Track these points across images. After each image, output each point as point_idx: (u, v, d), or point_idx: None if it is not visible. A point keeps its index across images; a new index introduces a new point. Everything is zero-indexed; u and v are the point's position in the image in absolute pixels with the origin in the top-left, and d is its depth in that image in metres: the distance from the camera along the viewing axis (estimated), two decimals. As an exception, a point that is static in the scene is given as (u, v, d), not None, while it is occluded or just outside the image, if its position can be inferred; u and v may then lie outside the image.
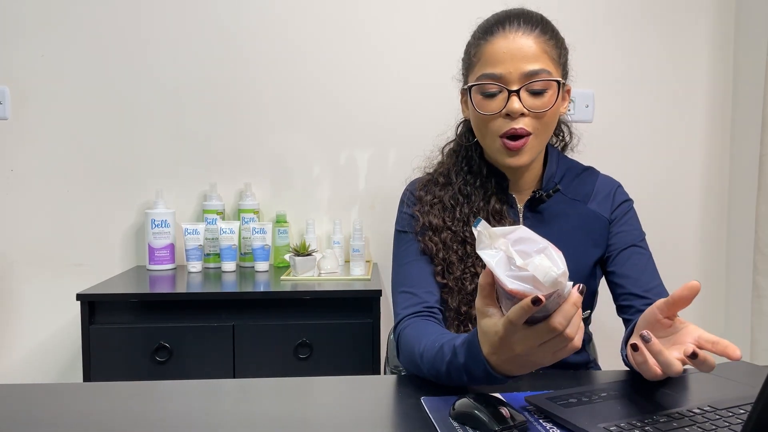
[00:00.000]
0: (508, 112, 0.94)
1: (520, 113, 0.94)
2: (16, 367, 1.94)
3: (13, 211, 1.92)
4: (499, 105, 0.95)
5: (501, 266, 0.64)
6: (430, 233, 1.02)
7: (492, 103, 0.96)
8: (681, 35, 2.06)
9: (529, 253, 0.63)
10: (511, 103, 0.93)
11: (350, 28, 1.96)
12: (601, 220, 1.05)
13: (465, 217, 1.02)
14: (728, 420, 0.67)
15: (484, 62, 0.97)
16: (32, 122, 1.91)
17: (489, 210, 1.01)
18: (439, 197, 1.05)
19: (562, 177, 1.06)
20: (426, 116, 1.98)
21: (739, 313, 2.05)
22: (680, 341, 0.77)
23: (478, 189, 1.04)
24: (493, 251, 0.64)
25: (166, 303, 1.55)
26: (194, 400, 0.79)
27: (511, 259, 0.63)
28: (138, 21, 1.92)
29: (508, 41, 0.95)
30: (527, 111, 0.94)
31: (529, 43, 0.95)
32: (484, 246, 0.65)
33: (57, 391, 0.83)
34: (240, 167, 1.97)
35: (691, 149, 2.09)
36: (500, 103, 0.95)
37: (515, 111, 0.93)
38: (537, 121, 0.95)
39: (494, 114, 0.95)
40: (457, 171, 1.06)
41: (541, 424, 0.69)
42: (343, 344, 1.55)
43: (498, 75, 0.94)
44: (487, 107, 0.96)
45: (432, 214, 1.03)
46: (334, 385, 0.86)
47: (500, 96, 0.95)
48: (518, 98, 0.93)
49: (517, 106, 0.93)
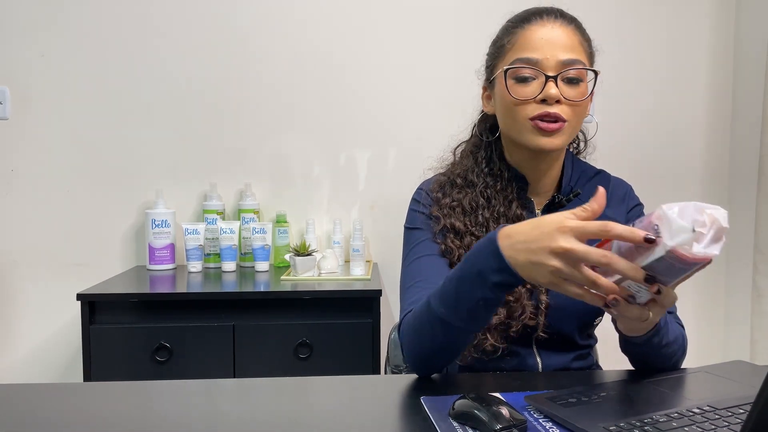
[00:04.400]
0: (545, 98, 0.92)
1: (556, 100, 0.92)
2: (16, 367, 1.94)
3: (13, 210, 1.92)
4: (534, 90, 0.93)
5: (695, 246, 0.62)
6: (451, 236, 0.99)
7: (526, 88, 0.93)
8: (681, 35, 2.05)
9: (701, 221, 0.62)
10: (548, 89, 0.92)
11: (350, 29, 1.96)
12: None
13: (486, 222, 0.99)
14: (728, 420, 0.67)
15: (519, 47, 0.95)
16: (32, 122, 1.91)
17: (510, 216, 0.99)
18: (458, 200, 1.02)
19: (577, 180, 1.05)
20: (426, 116, 1.98)
21: (739, 313, 2.05)
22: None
23: (499, 193, 1.01)
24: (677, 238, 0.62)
25: (166, 303, 1.55)
26: (194, 400, 0.79)
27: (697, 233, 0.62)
28: (138, 21, 1.92)
29: (546, 29, 0.94)
30: (563, 99, 0.92)
31: (568, 33, 0.95)
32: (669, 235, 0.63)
33: (57, 391, 0.83)
34: (240, 167, 1.97)
35: (691, 149, 2.09)
36: (535, 88, 0.93)
37: (552, 96, 0.91)
38: (571, 110, 0.94)
39: (528, 99, 0.93)
40: (477, 173, 1.03)
41: (541, 424, 0.69)
42: (343, 344, 1.55)
43: (535, 60, 0.93)
44: (521, 92, 0.93)
45: (453, 216, 1.00)
46: (334, 385, 0.86)
47: (535, 82, 0.93)
48: (555, 84, 0.92)
49: (554, 91, 0.91)
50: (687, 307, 1.99)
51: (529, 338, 0.97)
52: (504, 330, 0.94)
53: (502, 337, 0.94)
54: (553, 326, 0.96)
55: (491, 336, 0.93)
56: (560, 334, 0.97)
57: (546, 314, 0.95)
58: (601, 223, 0.67)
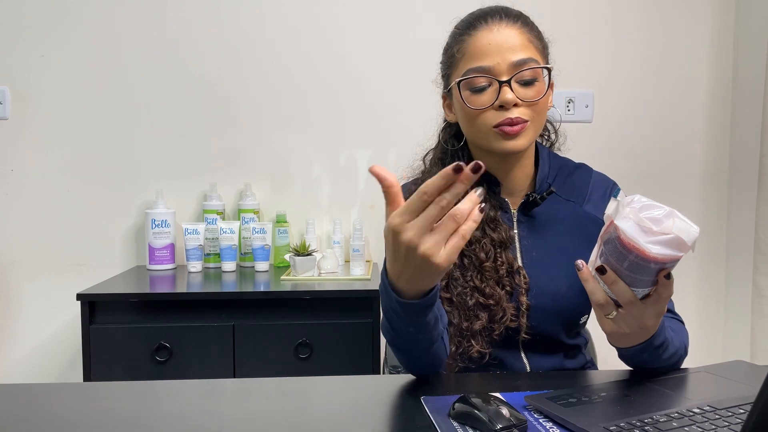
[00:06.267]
0: (502, 103, 0.91)
1: (513, 104, 0.91)
2: (16, 367, 1.94)
3: (13, 210, 1.92)
4: (490, 98, 0.92)
5: (639, 234, 0.65)
6: None
7: (482, 97, 0.93)
8: (681, 35, 2.05)
9: (659, 219, 0.65)
10: (504, 94, 0.91)
11: (351, 29, 1.96)
12: (597, 222, 1.01)
13: None
14: (728, 420, 0.67)
15: (469, 56, 0.94)
16: (32, 122, 1.91)
17: (485, 218, 0.97)
18: None
19: (555, 176, 1.03)
20: (426, 117, 1.98)
21: (739, 313, 2.05)
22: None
23: None
24: (624, 220, 0.66)
25: (166, 303, 1.55)
26: (194, 400, 0.79)
27: (644, 227, 0.65)
28: (138, 21, 1.92)
29: (492, 33, 0.93)
30: (520, 101, 0.91)
31: (514, 33, 0.93)
32: (618, 216, 0.67)
33: (57, 391, 0.83)
34: (240, 167, 1.97)
35: (691, 149, 2.09)
36: (491, 96, 0.92)
37: (508, 101, 0.91)
38: (530, 110, 0.93)
39: (485, 108, 0.92)
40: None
41: (541, 424, 0.69)
42: (343, 344, 1.55)
43: (486, 67, 0.92)
44: (478, 102, 0.93)
45: None
46: (334, 385, 0.86)
47: (490, 89, 0.92)
48: (510, 88, 0.91)
49: (510, 96, 0.91)
50: (687, 308, 1.99)
51: (514, 342, 0.97)
52: (488, 335, 0.93)
53: (486, 342, 0.93)
54: (535, 327, 0.96)
55: (476, 342, 0.93)
56: (544, 335, 0.96)
57: (527, 315, 0.95)
58: (417, 191, 0.67)
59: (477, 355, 0.93)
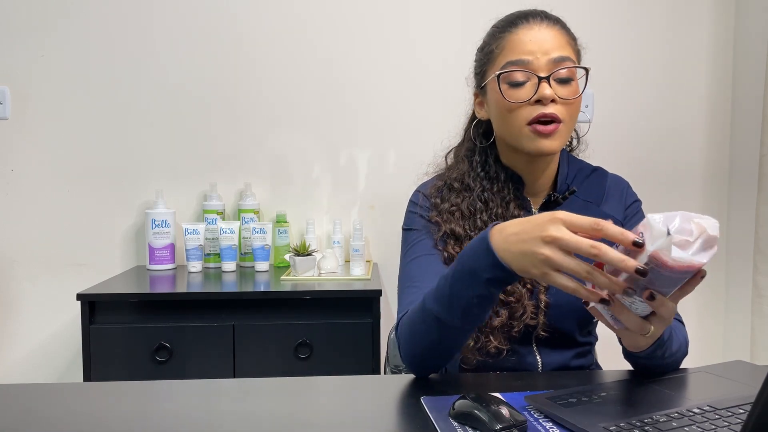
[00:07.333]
0: (540, 98, 0.92)
1: (551, 100, 0.92)
2: (16, 367, 1.94)
3: (13, 210, 1.92)
4: (528, 93, 0.93)
5: (682, 253, 0.63)
6: (452, 242, 0.99)
7: (520, 92, 0.94)
8: (681, 36, 2.05)
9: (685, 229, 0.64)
10: (542, 89, 0.92)
11: (351, 29, 1.96)
12: (615, 222, 1.02)
13: (484, 225, 0.99)
14: (728, 420, 0.67)
15: (509, 51, 0.96)
16: (32, 122, 1.91)
17: (507, 216, 0.99)
18: (456, 204, 1.02)
19: (574, 178, 1.05)
20: (427, 116, 1.98)
21: (739, 313, 2.05)
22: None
23: (496, 195, 1.01)
24: (662, 248, 0.64)
25: (166, 303, 1.55)
26: (194, 400, 0.79)
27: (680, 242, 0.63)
28: (138, 21, 1.92)
29: (533, 31, 0.95)
30: (557, 98, 0.93)
31: (554, 33, 0.95)
32: (655, 245, 0.64)
33: (57, 391, 0.83)
34: (240, 167, 1.97)
35: (691, 149, 2.09)
36: (529, 91, 0.93)
37: (547, 97, 0.92)
38: (565, 109, 0.94)
39: (523, 102, 0.93)
40: (474, 177, 1.04)
41: (541, 424, 0.69)
42: (343, 344, 1.55)
43: (526, 61, 0.93)
44: (515, 96, 0.94)
45: (453, 221, 1.00)
46: (334, 385, 0.86)
47: (528, 84, 0.93)
48: (548, 84, 0.92)
49: (548, 92, 0.92)
50: (687, 308, 1.99)
51: (529, 337, 0.97)
52: (507, 331, 0.94)
53: (505, 338, 0.94)
54: (552, 324, 0.96)
55: (494, 338, 0.94)
56: (560, 331, 0.97)
57: (546, 313, 0.96)
58: (593, 220, 0.68)
59: (494, 351, 0.94)
